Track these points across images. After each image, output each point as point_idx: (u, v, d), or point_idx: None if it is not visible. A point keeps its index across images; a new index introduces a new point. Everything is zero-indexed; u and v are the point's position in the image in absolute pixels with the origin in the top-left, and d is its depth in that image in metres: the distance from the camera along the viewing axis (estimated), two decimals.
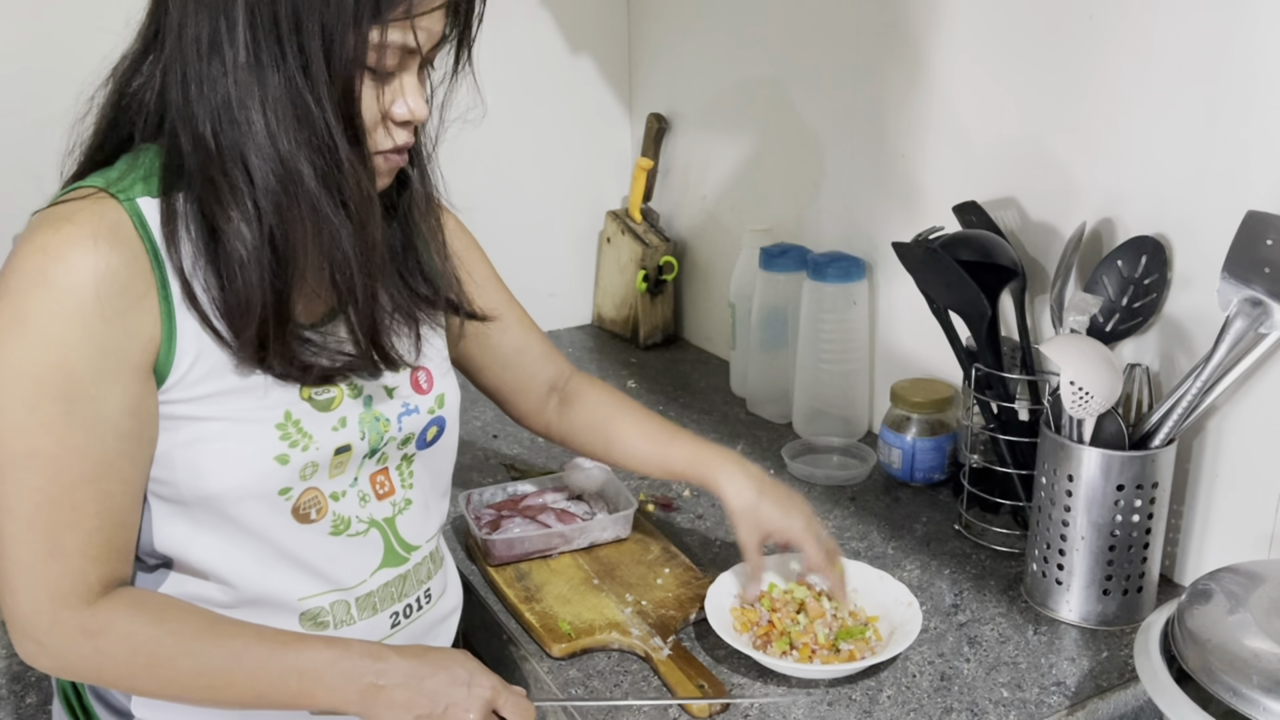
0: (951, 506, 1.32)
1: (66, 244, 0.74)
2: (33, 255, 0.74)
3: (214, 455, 0.81)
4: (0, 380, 0.73)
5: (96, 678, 0.81)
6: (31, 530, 0.75)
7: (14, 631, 0.78)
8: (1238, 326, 1.00)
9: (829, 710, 0.96)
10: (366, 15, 0.74)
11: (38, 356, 0.73)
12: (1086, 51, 1.14)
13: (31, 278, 0.73)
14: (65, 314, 0.73)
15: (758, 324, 1.57)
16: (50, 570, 0.76)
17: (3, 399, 0.73)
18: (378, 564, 0.92)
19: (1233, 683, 0.78)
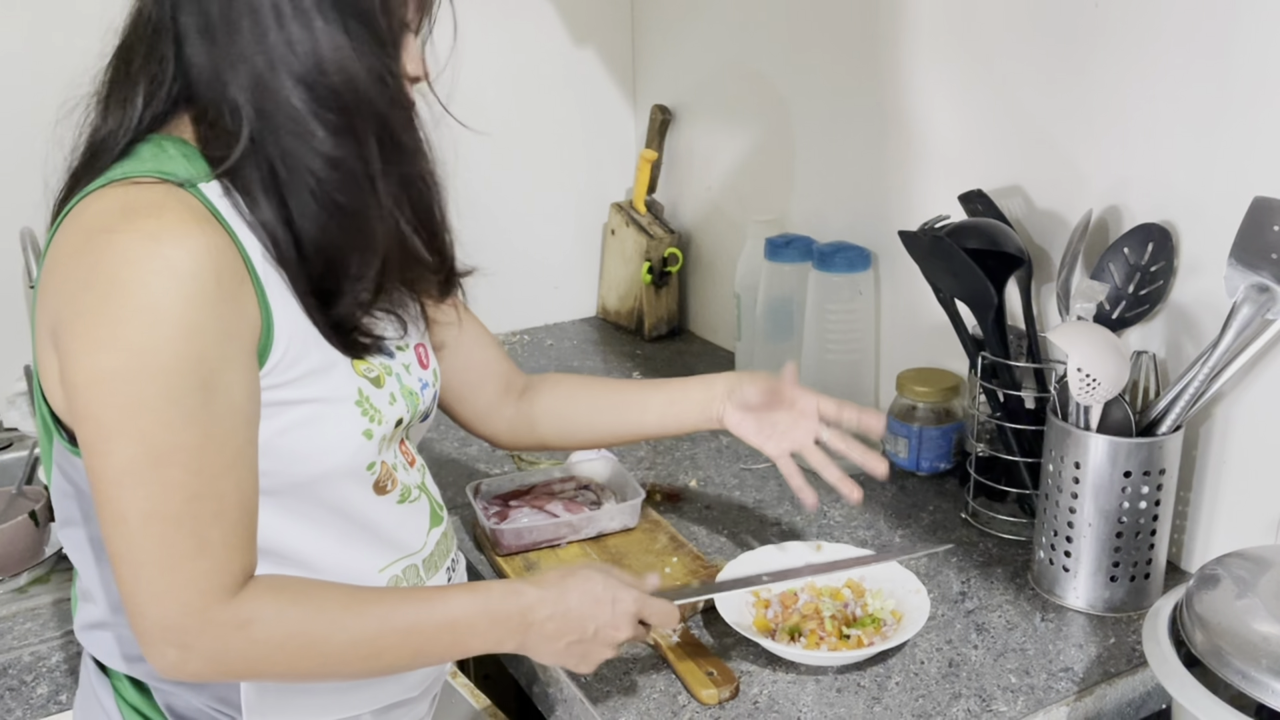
0: (958, 495, 1.32)
1: (177, 227, 0.70)
2: (143, 242, 0.69)
3: (312, 438, 0.80)
4: (139, 374, 0.69)
5: (251, 671, 0.78)
6: (179, 528, 0.71)
7: (155, 641, 0.73)
8: (1245, 313, 1.00)
9: (838, 697, 0.97)
10: None
11: (176, 347, 0.70)
12: (1092, 39, 1.14)
13: (151, 265, 0.69)
14: (194, 299, 0.70)
15: (763, 315, 1.57)
16: (198, 567, 0.72)
17: (144, 394, 0.69)
18: (429, 525, 0.93)
19: (1242, 666, 0.78)
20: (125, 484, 0.71)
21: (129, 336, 0.69)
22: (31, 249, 1.43)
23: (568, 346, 1.89)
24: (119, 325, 0.69)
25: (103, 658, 0.86)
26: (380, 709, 0.90)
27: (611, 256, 1.98)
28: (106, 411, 0.70)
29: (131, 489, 0.71)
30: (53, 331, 0.74)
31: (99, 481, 0.72)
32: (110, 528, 0.72)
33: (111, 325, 0.69)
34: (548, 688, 1.04)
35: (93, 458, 0.72)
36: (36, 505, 1.29)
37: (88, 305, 0.70)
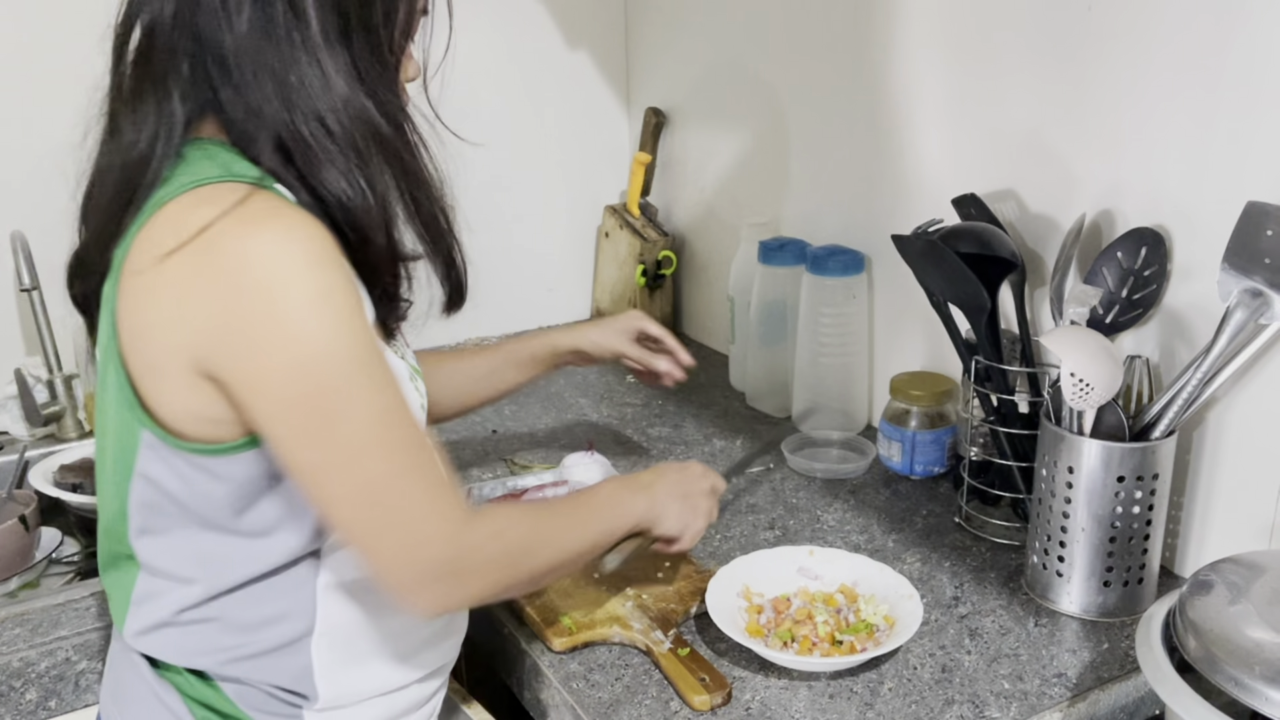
0: (951, 499, 1.32)
1: (301, 225, 0.75)
2: (284, 241, 0.73)
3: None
4: (332, 357, 0.74)
5: (506, 578, 0.85)
6: (419, 474, 0.78)
7: (429, 582, 0.80)
8: (1238, 317, 1.00)
9: (830, 703, 0.96)
10: None
11: (351, 324, 0.75)
12: (1086, 43, 1.14)
13: (303, 259, 0.74)
14: (345, 281, 0.76)
15: (757, 318, 1.57)
16: (444, 502, 0.80)
17: (343, 373, 0.75)
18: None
19: (1234, 673, 0.78)
20: (364, 452, 0.76)
21: (316, 323, 0.73)
22: (22, 253, 1.43)
23: None
24: (301, 317, 0.73)
25: (167, 657, 0.87)
26: (423, 677, 0.94)
27: (605, 259, 1.97)
28: (314, 400, 0.74)
29: (371, 454, 0.76)
30: (197, 345, 0.75)
31: (330, 467, 0.76)
32: (356, 505, 0.77)
33: (294, 319, 0.73)
34: (539, 694, 1.04)
35: (312, 449, 0.75)
36: (26, 509, 1.29)
37: (251, 312, 0.73)
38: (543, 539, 0.89)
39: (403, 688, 0.93)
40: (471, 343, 1.92)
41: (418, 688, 0.94)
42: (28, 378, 1.49)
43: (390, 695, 0.92)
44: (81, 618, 1.11)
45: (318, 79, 0.77)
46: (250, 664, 0.86)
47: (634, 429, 1.54)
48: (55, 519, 1.38)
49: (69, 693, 1.08)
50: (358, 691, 0.89)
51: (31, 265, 1.43)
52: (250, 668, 0.86)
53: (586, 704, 0.97)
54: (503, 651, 1.11)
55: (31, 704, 1.06)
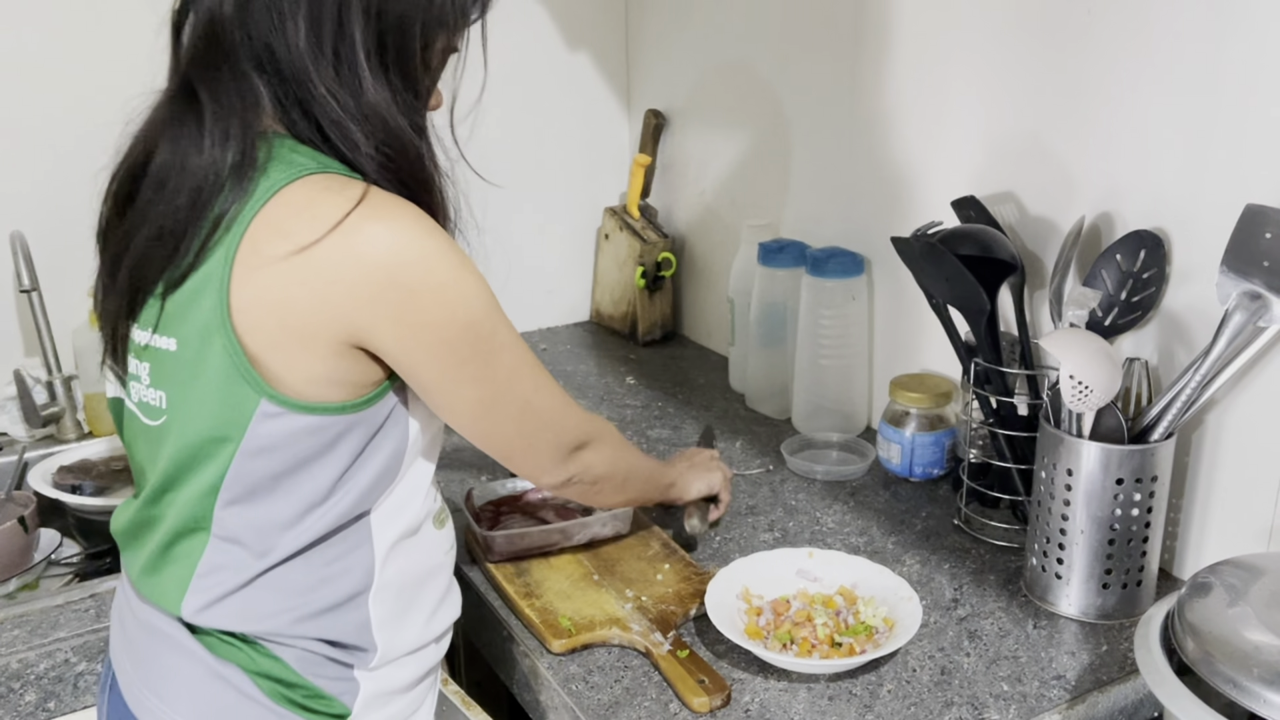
0: (951, 501, 1.32)
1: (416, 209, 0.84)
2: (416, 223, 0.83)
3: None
4: (486, 310, 0.87)
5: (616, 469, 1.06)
6: (552, 384, 0.96)
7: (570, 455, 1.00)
8: (1236, 320, 1.00)
9: (829, 705, 0.96)
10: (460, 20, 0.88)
11: (480, 284, 0.87)
12: (1085, 46, 1.14)
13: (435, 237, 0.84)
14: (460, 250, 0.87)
15: (756, 320, 1.57)
16: (569, 400, 0.99)
17: (495, 318, 0.89)
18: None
19: (1233, 675, 0.78)
20: (515, 382, 0.92)
21: (467, 284, 0.85)
22: (21, 253, 1.43)
23: (561, 351, 1.89)
24: (455, 282, 0.85)
25: (231, 625, 0.88)
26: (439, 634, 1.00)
27: (605, 261, 1.97)
28: (482, 342, 0.88)
29: (521, 383, 0.93)
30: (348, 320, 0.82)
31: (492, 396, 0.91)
32: (518, 420, 0.94)
33: (451, 284, 0.84)
34: (539, 695, 1.04)
35: (478, 384, 0.89)
36: (26, 511, 1.29)
37: (414, 283, 0.82)
38: (629, 447, 1.10)
39: (424, 647, 0.97)
40: None
41: (434, 649, 0.99)
42: (27, 379, 1.49)
43: (422, 651, 0.97)
44: (80, 619, 1.11)
45: (354, 96, 0.83)
46: (313, 622, 0.89)
47: (634, 430, 1.55)
48: (54, 520, 1.38)
49: (68, 694, 1.08)
50: (406, 643, 0.95)
51: (31, 266, 1.43)
52: (313, 626, 0.90)
53: (586, 706, 0.97)
54: (502, 653, 1.11)
55: (30, 705, 1.06)
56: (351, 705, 0.92)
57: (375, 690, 0.93)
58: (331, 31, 0.82)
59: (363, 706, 0.92)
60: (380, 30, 0.83)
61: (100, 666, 1.09)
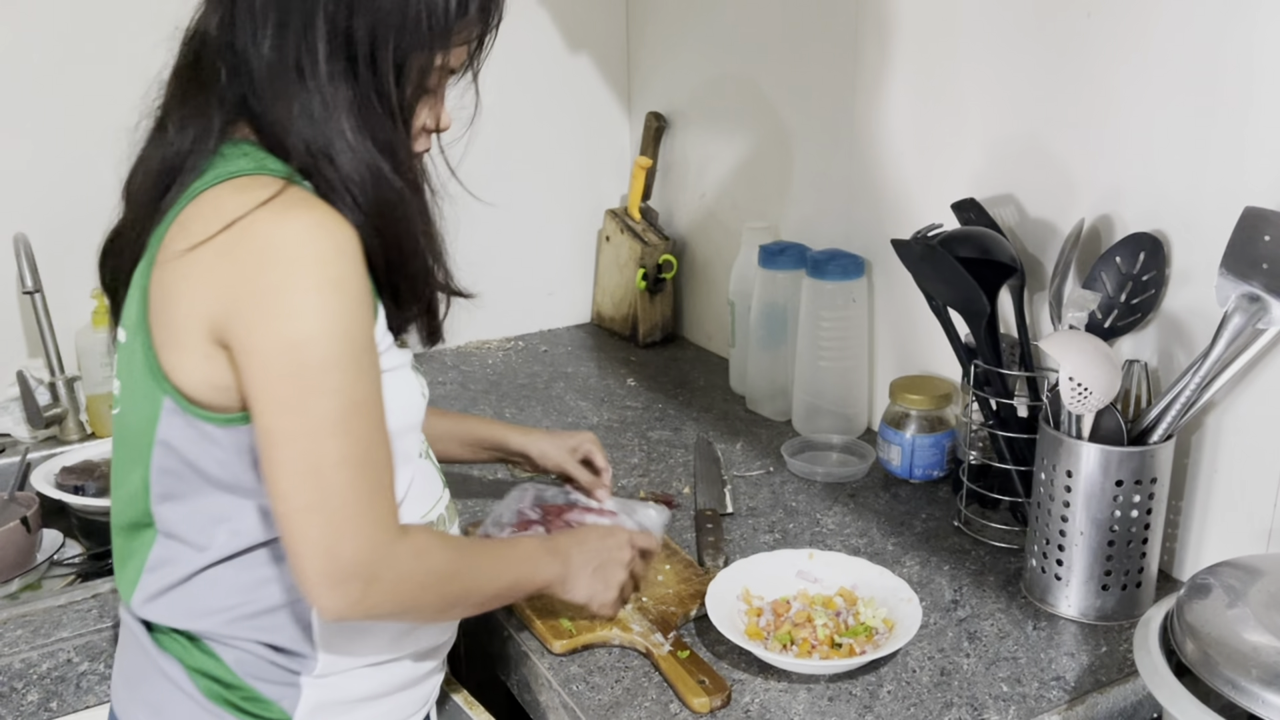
0: (951, 503, 1.32)
1: (329, 217, 0.81)
2: (312, 227, 0.80)
3: (397, 394, 0.89)
4: (328, 338, 0.79)
5: (417, 599, 0.87)
6: (364, 474, 0.81)
7: (344, 579, 0.81)
8: (1236, 322, 1.00)
9: (830, 705, 0.97)
10: (439, 41, 0.85)
11: (354, 314, 0.80)
12: (1085, 48, 1.14)
13: (326, 245, 0.80)
14: (359, 273, 0.81)
15: (757, 322, 1.57)
16: (380, 508, 0.83)
17: (333, 355, 0.80)
18: (443, 482, 1.03)
19: (1232, 676, 0.78)
20: (320, 437, 0.80)
21: (319, 305, 0.79)
22: (25, 255, 1.43)
23: (562, 353, 1.89)
24: (309, 296, 0.79)
25: (173, 621, 0.90)
26: (416, 653, 0.97)
27: (606, 263, 1.98)
28: (303, 372, 0.79)
29: (327, 440, 0.80)
30: (216, 314, 0.81)
31: (291, 438, 0.80)
32: (300, 480, 0.80)
33: (302, 296, 0.79)
34: (539, 696, 1.04)
35: (284, 417, 0.80)
36: (28, 511, 1.29)
37: (270, 284, 0.79)
38: (460, 573, 0.91)
39: (395, 660, 0.95)
40: (472, 345, 1.92)
41: (410, 665, 0.97)
42: (30, 380, 1.49)
43: (384, 666, 0.95)
44: (83, 619, 1.11)
45: (319, 110, 0.82)
46: (252, 622, 0.89)
47: (634, 432, 1.55)
48: (57, 521, 1.39)
49: (70, 694, 1.09)
50: (353, 657, 0.92)
51: (34, 268, 1.44)
52: (252, 626, 0.89)
53: (586, 706, 0.97)
54: (503, 653, 1.11)
55: (33, 705, 1.07)
56: (292, 712, 0.91)
57: (322, 699, 0.92)
58: (295, 45, 0.82)
59: (306, 714, 0.91)
60: (349, 46, 0.82)
61: (103, 666, 1.10)
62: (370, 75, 0.83)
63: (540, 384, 1.74)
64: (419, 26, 0.83)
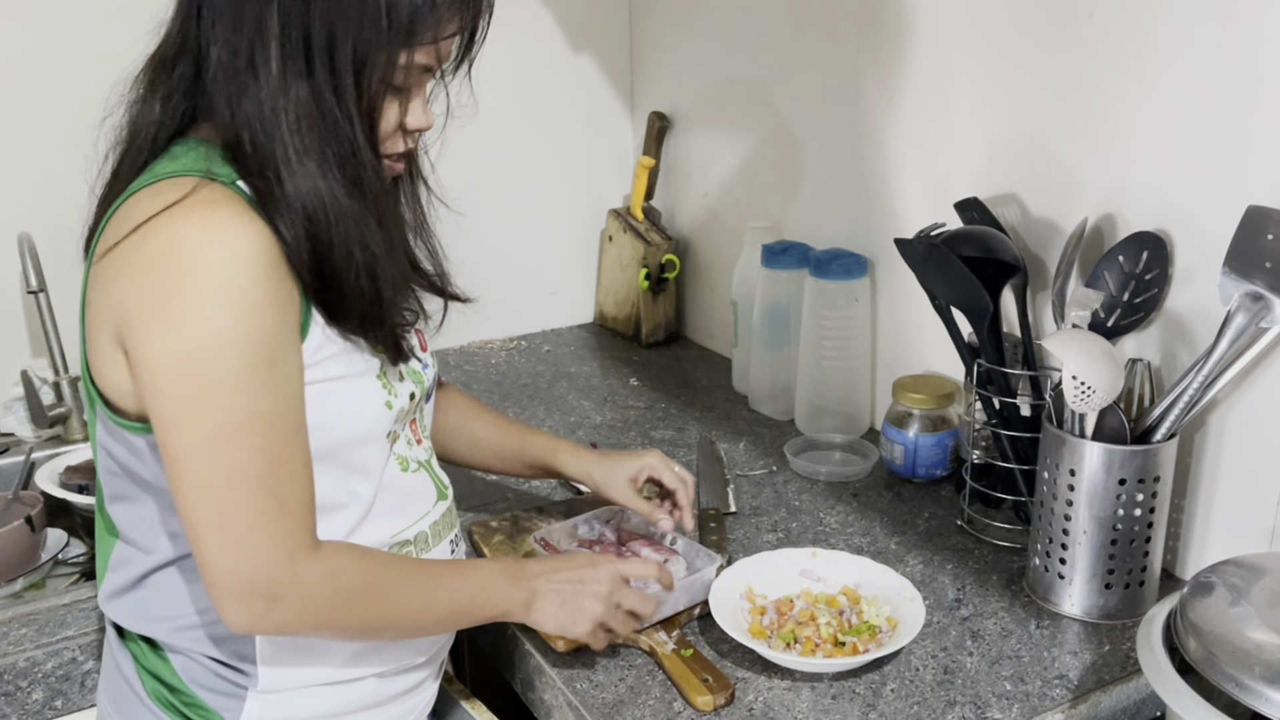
0: (954, 502, 1.32)
1: (232, 219, 0.77)
2: (206, 232, 0.77)
3: (343, 404, 0.86)
4: (217, 350, 0.76)
5: (331, 619, 0.84)
6: (263, 490, 0.78)
7: (243, 596, 0.79)
8: (1239, 321, 1.00)
9: (833, 704, 0.97)
10: (399, 39, 0.80)
11: (245, 324, 0.77)
12: (1088, 47, 1.14)
13: (216, 252, 0.76)
14: (256, 280, 0.77)
15: (760, 321, 1.57)
16: (283, 525, 0.79)
17: (222, 368, 0.76)
18: (435, 497, 1.00)
19: (1235, 674, 0.78)
20: (210, 452, 0.77)
21: (203, 316, 0.76)
22: (29, 254, 1.44)
23: (565, 352, 1.90)
24: (193, 307, 0.76)
25: (124, 621, 0.91)
26: (385, 673, 0.94)
27: (609, 263, 1.98)
28: (188, 386, 0.77)
29: (217, 456, 0.77)
30: (117, 320, 0.79)
31: (183, 452, 0.78)
32: (195, 496, 0.78)
33: (186, 307, 0.76)
34: (543, 694, 1.04)
35: (174, 431, 0.78)
36: (33, 510, 1.29)
37: (159, 291, 0.76)
38: (385, 596, 0.86)
39: (355, 680, 0.93)
40: (475, 345, 1.92)
41: (375, 683, 0.94)
42: (34, 379, 1.50)
43: (340, 686, 0.92)
44: (87, 618, 1.11)
45: (267, 110, 0.79)
46: (194, 634, 0.89)
47: (637, 432, 1.55)
48: (61, 520, 1.39)
49: (75, 692, 1.09)
50: (299, 678, 0.90)
51: (39, 267, 1.44)
52: (194, 638, 0.89)
53: (590, 704, 0.97)
54: (506, 651, 1.11)
55: (38, 704, 1.07)
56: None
57: (269, 714, 0.90)
58: (249, 42, 0.79)
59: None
60: (306, 44, 0.79)
61: None
62: (327, 74, 0.79)
63: (543, 384, 1.75)
64: (378, 24, 0.79)
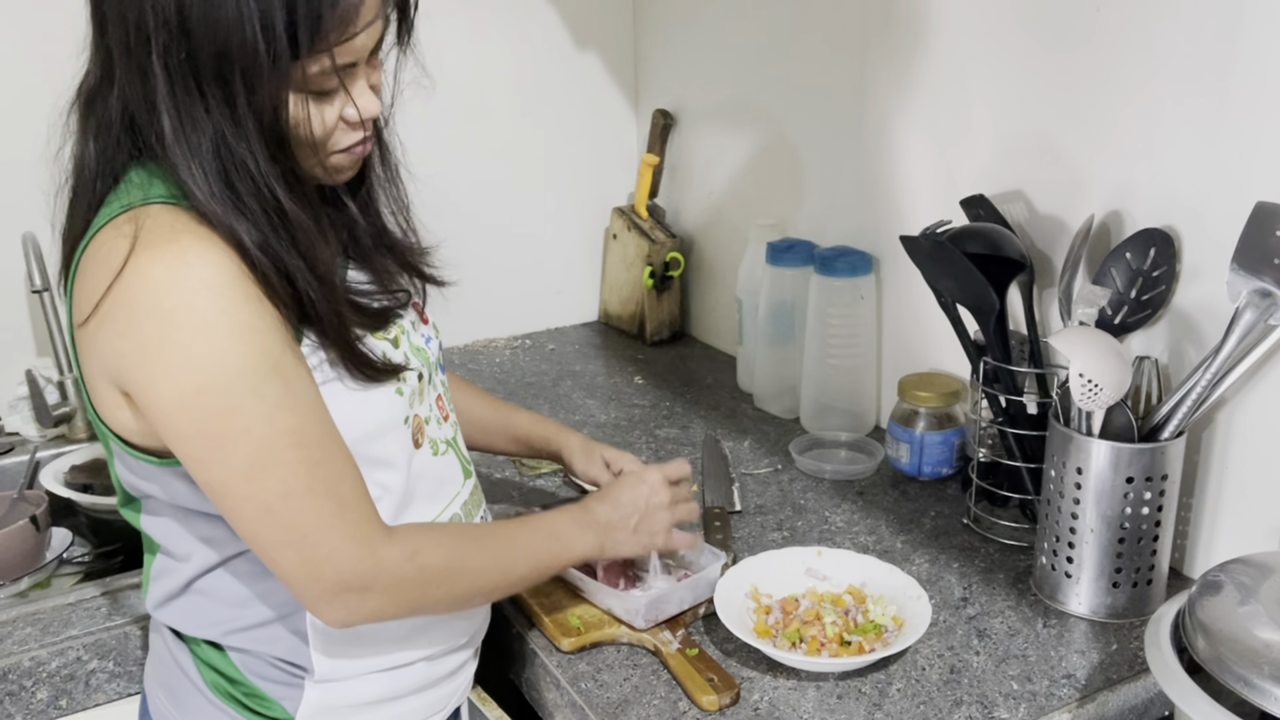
0: (960, 500, 1.32)
1: (195, 245, 0.76)
2: (173, 268, 0.75)
3: (354, 401, 0.86)
4: (222, 383, 0.76)
5: (421, 598, 0.86)
6: (317, 496, 0.79)
7: (335, 596, 0.81)
8: (1247, 318, 1.00)
9: (839, 703, 0.96)
10: (285, 55, 0.75)
11: (241, 350, 0.76)
12: (1094, 43, 1.14)
13: (189, 286, 0.75)
14: (237, 304, 0.76)
15: (765, 319, 1.57)
16: (348, 521, 0.80)
17: (233, 398, 0.76)
18: (462, 476, 1.00)
19: (1244, 673, 0.77)
20: (254, 478, 0.77)
21: (197, 354, 0.75)
22: (33, 254, 1.44)
23: (569, 351, 1.89)
24: (184, 348, 0.75)
25: (180, 626, 0.93)
26: (433, 655, 0.96)
27: (613, 261, 1.98)
28: (207, 424, 0.76)
29: (261, 480, 0.78)
30: (112, 369, 0.79)
31: (228, 486, 0.78)
32: (256, 522, 0.79)
33: (177, 350, 0.75)
34: (547, 694, 1.04)
35: (211, 469, 0.78)
36: (38, 510, 1.29)
37: (146, 339, 0.76)
38: (467, 566, 0.89)
39: (406, 665, 0.95)
40: (479, 344, 1.92)
41: (425, 666, 0.96)
42: (39, 379, 1.50)
43: (393, 672, 0.94)
44: (92, 617, 1.11)
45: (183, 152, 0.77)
46: (249, 635, 0.90)
47: (641, 430, 1.55)
48: (66, 519, 1.39)
49: (79, 692, 1.09)
50: (354, 666, 0.92)
51: (43, 266, 1.44)
52: (250, 639, 0.91)
53: (594, 704, 0.97)
54: (511, 651, 1.11)
55: (42, 703, 1.07)
56: (294, 712, 0.91)
57: (326, 702, 0.92)
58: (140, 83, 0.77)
59: (309, 716, 0.91)
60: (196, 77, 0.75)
61: (112, 664, 1.10)
62: (223, 105, 0.76)
63: (547, 382, 1.74)
64: (257, 54, 0.74)
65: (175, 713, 0.94)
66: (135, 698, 1.12)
